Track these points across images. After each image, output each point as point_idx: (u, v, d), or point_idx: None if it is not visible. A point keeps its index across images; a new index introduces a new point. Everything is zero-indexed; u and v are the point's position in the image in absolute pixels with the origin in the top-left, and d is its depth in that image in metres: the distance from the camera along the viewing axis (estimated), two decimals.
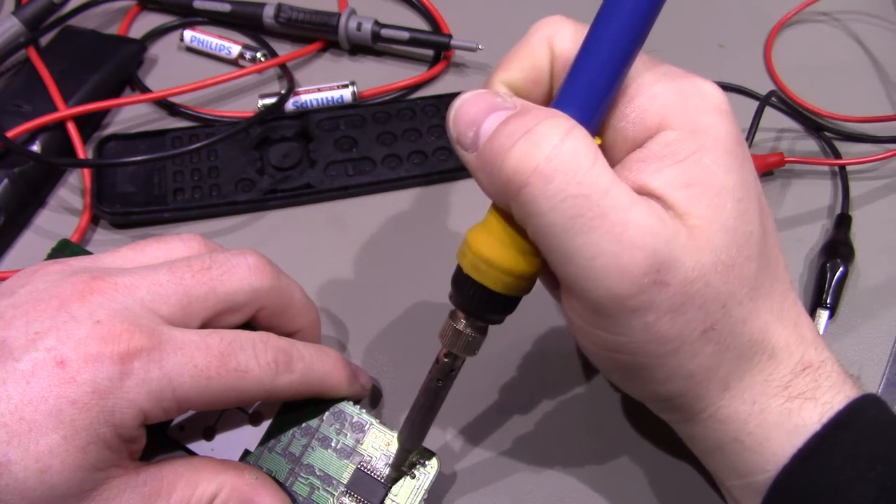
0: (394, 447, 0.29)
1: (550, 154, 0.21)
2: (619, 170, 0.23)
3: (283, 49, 0.46)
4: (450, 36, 0.45)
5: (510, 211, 0.22)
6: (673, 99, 0.23)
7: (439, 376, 0.26)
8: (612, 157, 0.24)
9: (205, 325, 0.27)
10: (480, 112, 0.23)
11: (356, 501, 0.28)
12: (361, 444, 0.29)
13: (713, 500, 0.31)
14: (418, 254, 0.38)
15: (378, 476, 0.29)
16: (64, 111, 0.39)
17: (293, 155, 0.40)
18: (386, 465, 0.29)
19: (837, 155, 0.42)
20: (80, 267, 0.26)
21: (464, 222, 0.39)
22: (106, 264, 0.27)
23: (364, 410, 0.30)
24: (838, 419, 0.23)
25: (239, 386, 0.26)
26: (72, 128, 0.39)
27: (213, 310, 0.27)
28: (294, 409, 0.30)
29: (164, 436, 0.29)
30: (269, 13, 0.46)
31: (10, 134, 0.38)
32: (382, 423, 0.30)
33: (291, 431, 0.29)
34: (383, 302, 0.36)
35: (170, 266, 0.27)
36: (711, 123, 0.23)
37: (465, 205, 0.40)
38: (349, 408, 0.30)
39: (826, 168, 0.42)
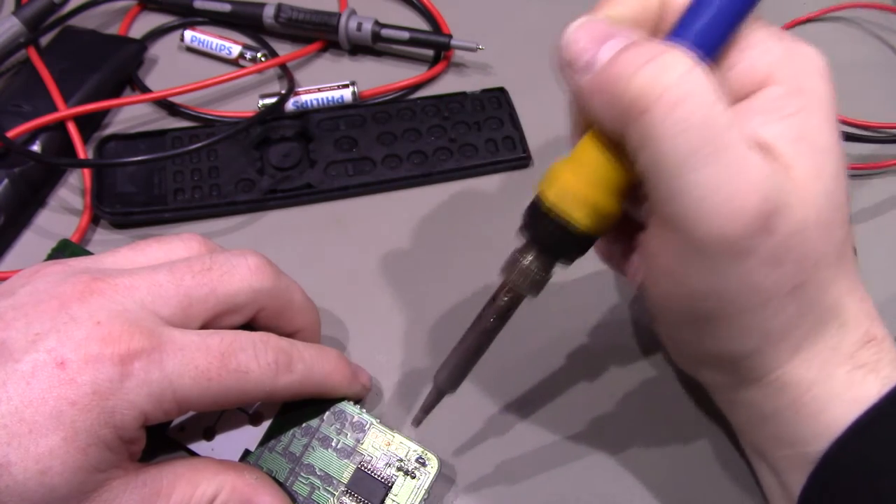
0: (394, 447, 0.29)
1: (678, 81, 0.20)
2: None
3: (284, 49, 0.46)
4: (450, 36, 0.45)
5: (619, 139, 0.22)
6: (782, 56, 0.23)
7: (495, 314, 0.25)
8: None
9: (205, 326, 0.27)
10: (599, 36, 0.22)
11: (357, 501, 0.28)
12: (362, 443, 0.29)
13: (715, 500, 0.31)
14: (418, 254, 0.38)
15: (378, 476, 0.29)
16: (64, 111, 0.39)
17: (293, 155, 0.40)
18: (387, 464, 0.29)
19: None
20: (81, 268, 0.26)
21: (464, 222, 0.39)
22: (106, 265, 0.27)
23: (364, 410, 0.30)
24: None
25: (239, 387, 0.26)
26: (72, 128, 0.39)
27: (214, 311, 0.27)
28: (294, 409, 0.30)
29: (165, 436, 0.29)
30: (269, 13, 0.46)
31: (10, 134, 0.38)
32: (383, 423, 0.30)
33: (292, 431, 0.29)
34: (383, 302, 0.36)
35: (170, 267, 0.27)
36: (816, 86, 0.23)
37: (465, 205, 0.40)
38: (349, 407, 0.30)
39: None
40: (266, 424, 0.29)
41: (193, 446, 0.29)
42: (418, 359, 0.34)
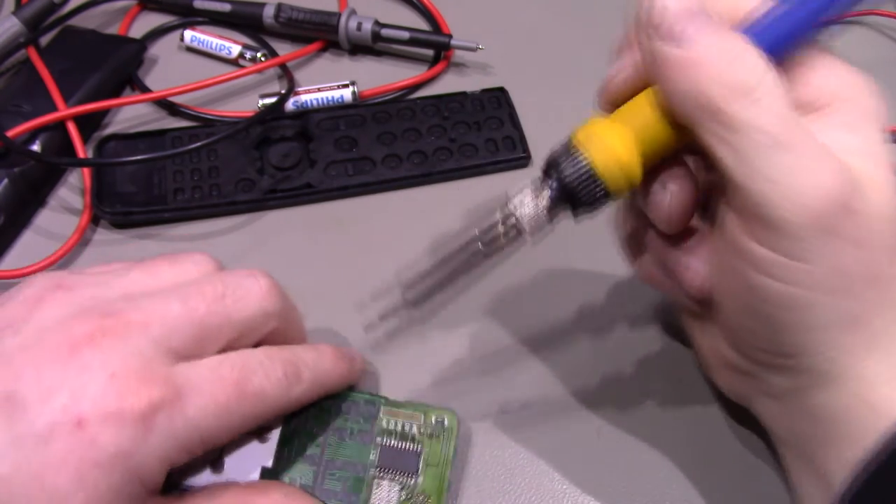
0: (410, 417, 0.29)
1: (764, 76, 0.22)
2: None
3: (283, 49, 0.46)
4: (450, 36, 0.45)
5: (686, 116, 0.23)
6: (846, 75, 0.24)
7: (485, 240, 0.26)
8: None
9: (217, 353, 0.26)
10: (692, 11, 0.23)
11: (393, 478, 0.28)
12: (377, 423, 0.29)
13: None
14: (418, 254, 0.38)
15: (405, 448, 0.29)
16: (64, 111, 0.39)
17: (293, 155, 0.40)
18: (408, 435, 0.29)
19: None
20: (88, 298, 0.25)
21: (464, 222, 0.39)
22: (114, 291, 0.26)
23: (367, 392, 0.30)
24: None
25: (259, 409, 0.25)
26: (72, 128, 0.39)
27: (228, 338, 0.26)
28: (299, 413, 0.29)
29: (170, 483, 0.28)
30: (269, 13, 0.46)
31: (10, 134, 0.38)
32: (389, 400, 0.30)
33: (304, 435, 0.29)
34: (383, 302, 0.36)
35: (182, 296, 0.25)
36: (876, 108, 0.24)
37: (465, 205, 0.40)
38: (353, 395, 0.30)
39: None
40: (275, 435, 0.28)
41: (202, 481, 0.27)
42: (418, 358, 0.34)
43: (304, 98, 0.43)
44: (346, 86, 0.43)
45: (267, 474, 0.27)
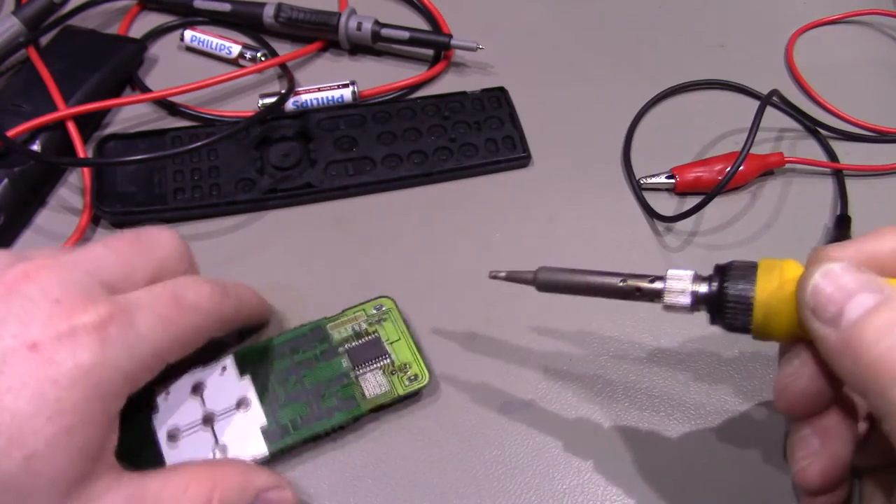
0: (352, 321, 0.33)
1: None
2: None
3: (284, 49, 0.46)
4: (450, 36, 0.45)
5: (857, 391, 0.23)
6: None
7: (627, 282, 0.27)
8: None
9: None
10: (846, 290, 0.23)
11: (370, 368, 0.32)
12: (331, 338, 0.32)
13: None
14: (418, 254, 0.38)
15: (364, 341, 0.32)
16: (64, 111, 0.39)
17: (293, 154, 0.40)
18: (360, 332, 0.33)
19: (834, 158, 0.42)
20: (15, 255, 0.26)
21: (464, 222, 0.39)
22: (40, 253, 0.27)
23: (306, 323, 0.33)
24: None
25: (198, 322, 0.27)
26: (72, 127, 0.39)
27: (150, 273, 0.28)
28: (259, 371, 0.31)
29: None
30: (269, 13, 0.46)
31: (10, 133, 0.38)
32: (329, 317, 0.33)
33: (276, 385, 0.31)
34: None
35: (103, 242, 0.28)
36: None
37: (465, 205, 0.40)
38: (296, 331, 0.33)
39: (826, 168, 0.42)
40: (254, 400, 0.31)
41: (208, 455, 0.30)
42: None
43: (304, 98, 0.43)
44: (346, 86, 0.43)
45: (267, 432, 0.30)
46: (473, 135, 0.41)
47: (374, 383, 0.32)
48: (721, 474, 0.31)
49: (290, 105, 0.43)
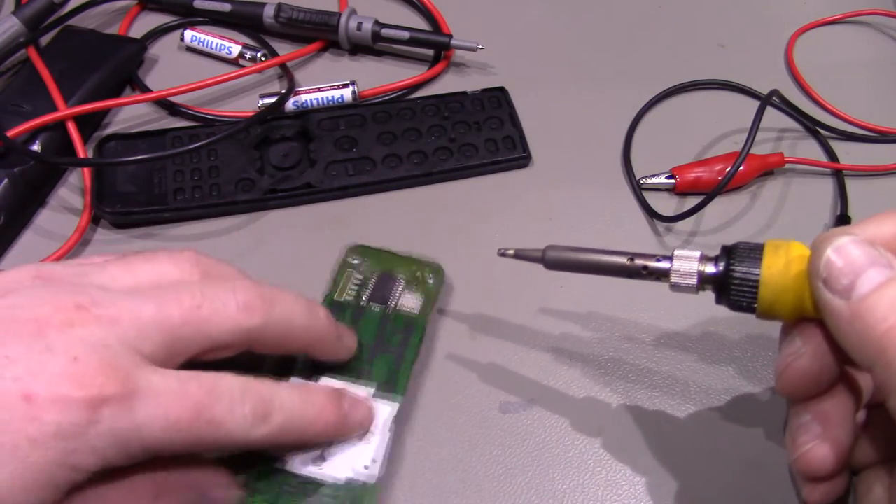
0: (350, 283, 0.34)
1: None
2: None
3: (284, 49, 0.46)
4: (450, 36, 0.45)
5: (861, 364, 0.23)
6: None
7: (634, 261, 0.27)
8: None
9: (188, 362, 0.26)
10: (860, 262, 0.23)
11: (396, 295, 0.34)
12: (348, 303, 0.34)
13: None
14: (418, 253, 0.38)
15: (374, 281, 0.34)
16: (64, 111, 0.39)
17: (293, 155, 0.40)
18: (362, 284, 0.34)
19: (834, 158, 0.42)
20: (65, 284, 0.25)
21: (463, 222, 0.39)
22: (92, 281, 0.26)
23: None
24: None
25: (210, 437, 0.24)
26: (72, 127, 0.39)
27: (199, 349, 0.26)
28: (328, 366, 0.31)
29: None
30: (269, 13, 0.46)
31: (10, 133, 0.38)
32: (328, 294, 0.34)
33: (346, 364, 0.31)
34: None
35: (158, 300, 0.25)
36: None
37: (465, 205, 0.40)
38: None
39: (826, 168, 0.42)
40: (353, 389, 0.31)
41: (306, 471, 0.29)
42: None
43: (304, 98, 0.43)
44: (346, 86, 0.43)
45: (378, 394, 0.31)
46: (473, 135, 0.41)
47: (410, 301, 0.34)
48: (721, 472, 0.31)
49: (290, 105, 0.43)
